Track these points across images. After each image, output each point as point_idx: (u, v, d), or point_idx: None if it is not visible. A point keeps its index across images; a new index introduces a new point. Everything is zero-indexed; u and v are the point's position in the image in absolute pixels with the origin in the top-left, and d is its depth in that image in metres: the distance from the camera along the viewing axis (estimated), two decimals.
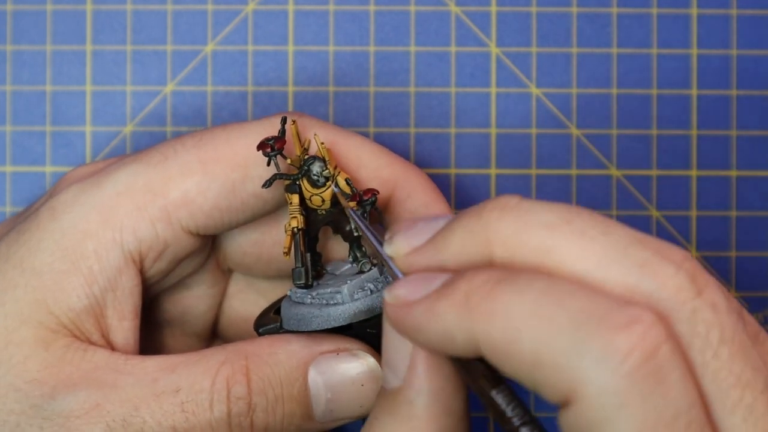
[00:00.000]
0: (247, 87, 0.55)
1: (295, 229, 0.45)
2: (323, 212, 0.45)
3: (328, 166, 0.44)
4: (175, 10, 0.54)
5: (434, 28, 0.54)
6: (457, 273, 0.36)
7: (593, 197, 0.54)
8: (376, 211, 0.45)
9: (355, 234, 0.45)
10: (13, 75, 0.54)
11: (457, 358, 0.37)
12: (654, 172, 0.54)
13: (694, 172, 0.55)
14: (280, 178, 0.45)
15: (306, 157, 0.45)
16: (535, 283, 0.35)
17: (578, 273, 0.35)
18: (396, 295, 0.37)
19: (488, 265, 0.36)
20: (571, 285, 0.35)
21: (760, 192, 0.55)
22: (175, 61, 0.54)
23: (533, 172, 0.54)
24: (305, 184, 0.45)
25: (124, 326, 0.45)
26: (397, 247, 0.39)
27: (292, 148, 0.45)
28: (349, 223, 0.45)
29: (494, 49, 0.54)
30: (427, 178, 0.48)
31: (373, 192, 0.44)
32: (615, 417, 0.33)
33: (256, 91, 0.55)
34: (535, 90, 0.54)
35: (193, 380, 0.43)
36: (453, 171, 0.55)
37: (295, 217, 0.45)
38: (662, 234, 0.54)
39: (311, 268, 0.45)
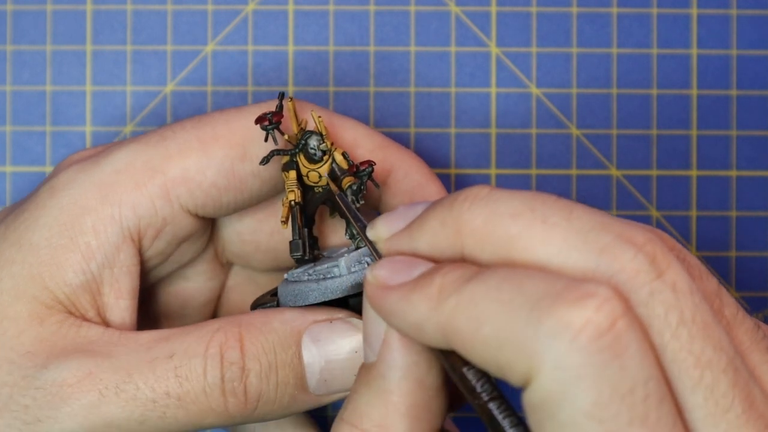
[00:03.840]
0: (247, 87, 0.55)
1: (293, 203, 0.45)
2: (320, 190, 0.45)
3: (326, 140, 0.45)
4: (175, 10, 0.54)
5: (434, 28, 0.54)
6: (435, 266, 0.37)
7: (593, 197, 0.54)
8: (374, 184, 0.45)
9: (350, 213, 0.45)
10: (13, 75, 0.54)
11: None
12: (654, 172, 0.54)
13: (694, 172, 0.55)
14: (278, 154, 0.45)
15: (305, 131, 0.45)
16: (498, 272, 0.36)
17: (541, 259, 0.36)
18: (376, 275, 0.39)
19: (459, 254, 0.37)
20: (532, 270, 0.36)
21: (760, 192, 0.55)
22: (175, 61, 0.54)
23: (533, 172, 0.54)
24: (302, 160, 0.45)
25: (120, 305, 0.45)
26: (378, 231, 0.40)
27: (290, 125, 0.45)
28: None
29: (494, 49, 0.54)
30: (422, 160, 0.48)
31: (370, 162, 0.45)
32: (571, 391, 0.34)
33: (256, 91, 0.55)
34: (535, 90, 0.55)
35: (187, 346, 0.43)
36: (453, 171, 0.55)
37: (292, 190, 0.45)
38: None
39: (308, 245, 0.45)
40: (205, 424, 0.43)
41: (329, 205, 0.46)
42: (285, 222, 0.45)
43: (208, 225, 0.48)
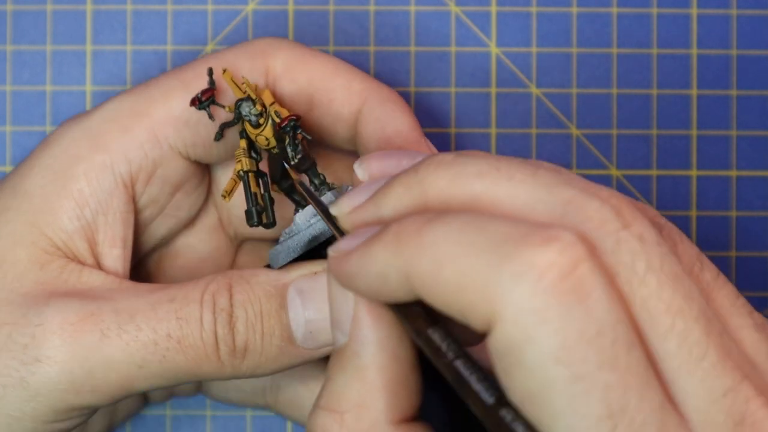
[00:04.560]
0: None
1: (240, 173, 0.45)
2: (277, 150, 0.45)
3: (257, 103, 0.45)
4: (175, 10, 0.54)
5: (434, 28, 0.54)
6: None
7: None
8: (304, 135, 0.45)
9: (308, 195, 0.45)
10: (13, 75, 0.54)
11: (395, 304, 0.38)
12: (654, 172, 0.55)
13: (694, 172, 0.55)
14: (226, 127, 0.45)
15: (237, 100, 0.45)
16: (461, 215, 0.35)
17: (507, 211, 0.36)
18: (336, 248, 0.39)
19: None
20: (497, 215, 0.35)
21: (760, 192, 0.55)
22: (175, 60, 0.54)
23: None
24: (248, 127, 0.45)
25: (114, 254, 0.46)
26: (341, 206, 0.40)
27: (233, 95, 0.45)
28: (307, 153, 0.45)
29: (494, 49, 0.55)
30: (398, 94, 0.48)
31: (290, 117, 0.44)
32: (535, 335, 0.33)
33: None
34: (535, 90, 0.55)
35: (186, 293, 0.43)
36: None
37: (239, 161, 0.45)
38: None
39: (270, 205, 0.45)
40: (201, 373, 0.43)
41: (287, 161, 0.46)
42: (226, 195, 0.45)
43: (204, 174, 0.49)
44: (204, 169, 0.49)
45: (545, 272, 0.33)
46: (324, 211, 0.42)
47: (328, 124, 0.47)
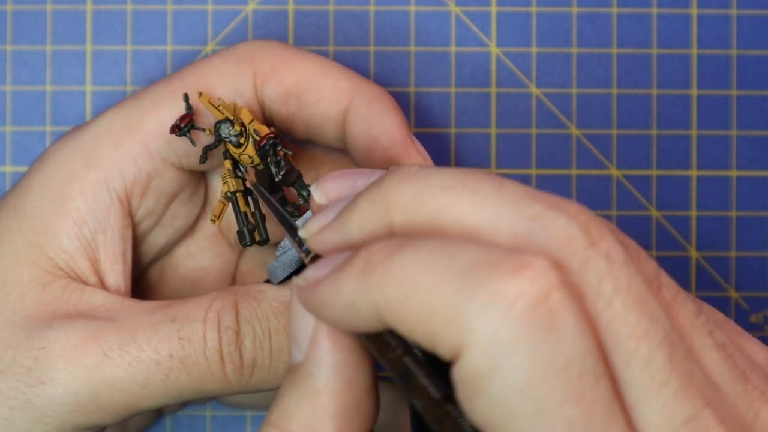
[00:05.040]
0: None
1: (228, 194, 0.45)
2: (263, 166, 0.45)
3: (235, 124, 0.44)
4: (175, 10, 0.54)
5: (434, 28, 0.54)
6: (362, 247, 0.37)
7: (593, 197, 0.54)
8: (284, 151, 0.45)
9: (277, 215, 0.45)
10: (13, 75, 0.54)
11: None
12: (654, 172, 0.54)
13: (694, 172, 0.55)
14: (210, 149, 0.45)
15: (216, 122, 0.45)
16: (429, 241, 0.34)
17: (472, 228, 0.35)
18: (305, 276, 0.38)
19: (389, 233, 0.36)
20: (465, 240, 0.34)
21: (760, 192, 0.55)
22: (176, 60, 0.54)
23: (533, 172, 0.54)
24: (230, 148, 0.45)
25: (116, 270, 0.46)
26: (309, 228, 0.39)
27: (212, 117, 0.45)
28: (292, 167, 0.45)
29: (494, 49, 0.55)
30: (387, 92, 0.47)
31: (269, 135, 0.44)
32: (502, 365, 0.32)
33: None
34: (535, 90, 0.55)
35: (188, 312, 0.43)
36: None
37: (225, 182, 0.45)
38: (662, 234, 0.54)
39: (262, 222, 0.45)
40: (206, 390, 0.43)
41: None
42: (216, 219, 0.45)
43: (199, 182, 0.49)
44: (199, 177, 0.49)
45: (515, 301, 0.33)
46: (291, 231, 0.42)
47: (317, 124, 0.47)
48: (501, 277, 0.33)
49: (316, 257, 0.39)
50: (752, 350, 0.39)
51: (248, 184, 0.45)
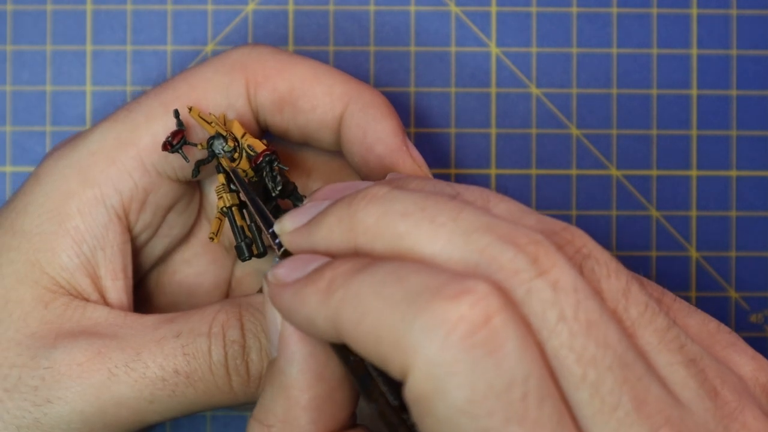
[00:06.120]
0: None
1: (223, 209, 0.45)
2: (256, 179, 0.45)
3: (228, 139, 0.44)
4: (175, 10, 0.54)
5: (434, 28, 0.54)
6: (329, 261, 0.37)
7: (593, 197, 0.54)
8: (280, 167, 0.45)
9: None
10: (13, 75, 0.54)
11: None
12: (654, 172, 0.54)
13: (694, 172, 0.55)
14: (203, 164, 0.45)
15: (208, 138, 0.45)
16: (384, 266, 0.35)
17: (426, 257, 0.36)
18: (275, 273, 0.39)
19: (354, 252, 0.37)
20: (418, 265, 0.35)
21: (760, 192, 0.55)
22: (176, 60, 0.54)
23: (533, 172, 0.54)
24: (224, 161, 0.45)
25: (117, 286, 0.46)
26: (282, 224, 0.40)
27: (205, 132, 0.45)
28: (285, 179, 0.45)
29: (494, 49, 0.54)
30: (382, 96, 0.47)
31: (264, 152, 0.45)
32: (444, 387, 0.33)
33: None
34: (535, 90, 0.55)
35: (192, 326, 0.44)
36: (453, 171, 0.55)
37: (220, 197, 0.45)
38: (662, 234, 0.54)
39: (259, 235, 0.45)
40: (212, 403, 0.44)
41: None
42: (214, 237, 0.45)
43: (194, 191, 0.49)
44: (194, 186, 0.49)
45: (455, 326, 0.33)
46: (266, 224, 0.42)
47: (313, 130, 0.47)
48: (443, 302, 0.34)
49: (287, 253, 0.40)
50: (738, 362, 0.39)
51: (226, 167, 0.45)
